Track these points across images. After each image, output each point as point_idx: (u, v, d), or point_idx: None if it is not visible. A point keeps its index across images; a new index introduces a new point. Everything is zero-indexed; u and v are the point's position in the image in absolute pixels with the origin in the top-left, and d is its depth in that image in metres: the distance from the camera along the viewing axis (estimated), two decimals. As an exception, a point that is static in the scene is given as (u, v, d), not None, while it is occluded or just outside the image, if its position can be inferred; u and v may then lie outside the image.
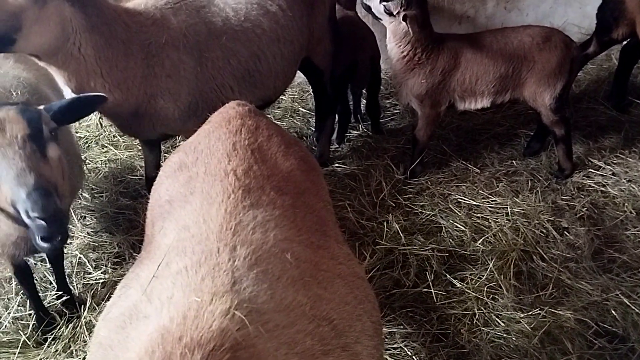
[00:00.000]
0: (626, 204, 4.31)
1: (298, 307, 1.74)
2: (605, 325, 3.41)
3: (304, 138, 5.48)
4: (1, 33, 2.91)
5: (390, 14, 4.25)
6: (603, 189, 4.52)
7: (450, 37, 4.61)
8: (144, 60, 3.46)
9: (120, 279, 3.90)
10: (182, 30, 3.57)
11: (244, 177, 2.08)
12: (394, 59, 4.48)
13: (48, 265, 4.01)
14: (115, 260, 4.17)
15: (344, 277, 2.08)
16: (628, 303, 3.50)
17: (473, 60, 4.40)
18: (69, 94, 3.46)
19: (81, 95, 2.92)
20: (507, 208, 4.30)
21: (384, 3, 4.21)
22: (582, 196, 4.45)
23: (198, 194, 2.07)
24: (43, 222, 2.36)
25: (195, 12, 3.69)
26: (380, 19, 4.41)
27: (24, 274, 3.47)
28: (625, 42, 5.21)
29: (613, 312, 3.46)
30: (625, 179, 4.57)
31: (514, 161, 4.90)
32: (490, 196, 4.46)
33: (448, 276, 3.79)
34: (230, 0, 3.88)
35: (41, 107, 2.67)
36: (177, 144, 5.33)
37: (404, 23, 4.22)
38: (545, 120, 4.55)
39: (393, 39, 4.40)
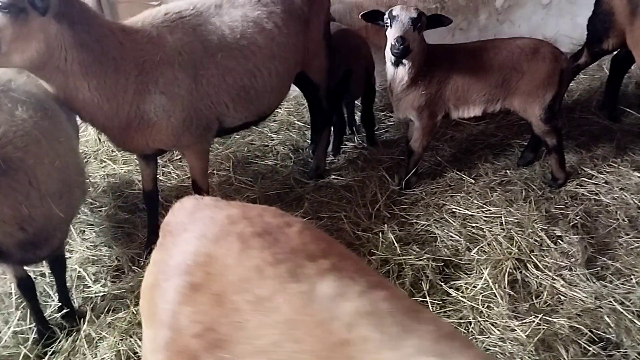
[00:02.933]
0: (619, 212, 4.36)
1: None
2: (599, 332, 3.44)
3: (300, 151, 5.54)
4: None
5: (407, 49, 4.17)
6: (596, 197, 4.57)
7: (443, 47, 4.69)
8: (137, 77, 3.52)
9: (120, 292, 3.98)
10: (177, 48, 3.64)
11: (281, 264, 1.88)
12: (404, 80, 4.43)
13: (47, 279, 4.06)
14: (115, 273, 4.21)
15: None
16: (621, 310, 3.54)
17: (465, 68, 4.46)
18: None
19: None
20: (501, 217, 4.35)
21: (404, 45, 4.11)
22: (576, 205, 4.49)
23: (251, 311, 1.81)
24: None
25: (191, 30, 3.75)
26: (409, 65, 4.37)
27: (26, 286, 3.51)
28: (615, 53, 5.28)
29: (607, 318, 3.49)
30: (617, 187, 4.62)
31: (507, 171, 4.95)
32: (484, 206, 4.51)
33: (443, 285, 3.83)
34: (227, 19, 3.94)
35: None
36: (174, 157, 5.40)
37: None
38: (536, 130, 4.61)
39: (408, 63, 4.34)
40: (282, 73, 4.24)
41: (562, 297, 3.71)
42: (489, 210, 4.46)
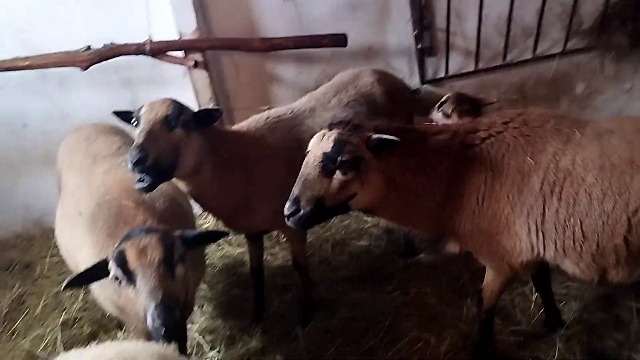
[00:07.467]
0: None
1: None
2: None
3: (392, 232, 5.73)
4: (168, 163, 3.62)
5: None
6: None
7: None
8: (245, 171, 4.12)
9: (232, 358, 4.50)
10: (276, 146, 4.27)
11: None
12: None
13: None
14: (228, 341, 4.76)
15: None
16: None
17: None
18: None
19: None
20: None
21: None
22: None
23: None
24: (162, 331, 2.87)
25: (288, 130, 4.41)
26: None
27: None
28: None
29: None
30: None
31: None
32: None
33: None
34: (319, 120, 4.55)
35: (177, 233, 3.25)
36: (282, 240, 6.01)
37: None
38: None
39: None
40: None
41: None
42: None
